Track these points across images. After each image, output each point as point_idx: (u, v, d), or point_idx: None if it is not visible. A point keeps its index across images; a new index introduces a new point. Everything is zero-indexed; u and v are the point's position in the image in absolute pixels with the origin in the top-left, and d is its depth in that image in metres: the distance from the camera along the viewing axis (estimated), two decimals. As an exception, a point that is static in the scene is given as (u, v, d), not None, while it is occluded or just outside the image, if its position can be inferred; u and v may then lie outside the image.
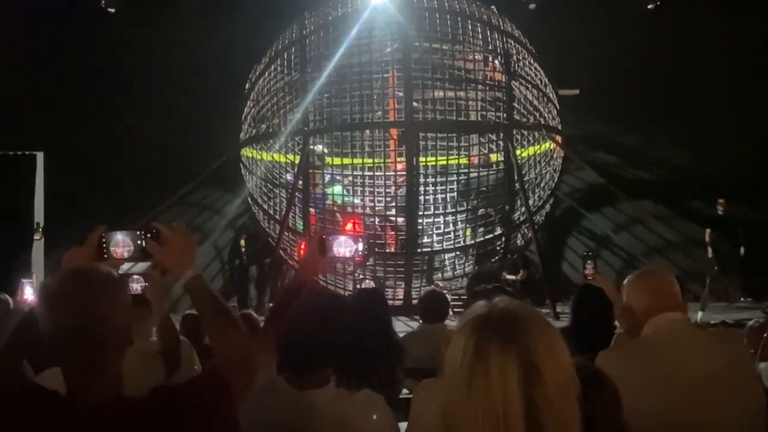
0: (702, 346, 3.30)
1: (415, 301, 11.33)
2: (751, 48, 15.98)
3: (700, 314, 12.56)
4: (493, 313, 1.78)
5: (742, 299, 14.88)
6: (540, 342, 1.73)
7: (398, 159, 13.81)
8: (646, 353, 3.28)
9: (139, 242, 2.58)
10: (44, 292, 2.30)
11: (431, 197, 14.01)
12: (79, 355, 2.26)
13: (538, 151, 14.37)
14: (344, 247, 3.33)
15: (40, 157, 15.80)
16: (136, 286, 4.44)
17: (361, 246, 3.34)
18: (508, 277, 14.19)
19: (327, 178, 14.16)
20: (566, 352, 1.77)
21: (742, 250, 14.25)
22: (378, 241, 13.71)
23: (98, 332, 2.25)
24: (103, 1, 16.35)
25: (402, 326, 10.49)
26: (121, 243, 2.59)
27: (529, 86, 14.03)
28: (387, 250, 13.87)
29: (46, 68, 15.83)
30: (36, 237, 15.10)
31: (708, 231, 14.22)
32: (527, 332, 1.73)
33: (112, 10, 16.40)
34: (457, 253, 14.28)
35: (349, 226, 13.59)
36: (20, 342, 2.65)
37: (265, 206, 14.44)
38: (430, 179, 14.06)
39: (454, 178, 13.97)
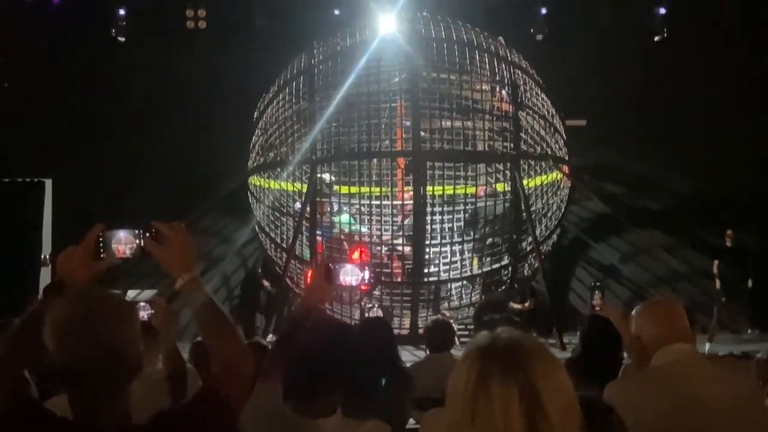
0: (711, 378, 3.28)
1: (421, 331, 11.30)
2: (759, 77, 16.02)
3: (707, 345, 12.50)
4: (496, 344, 1.78)
5: (750, 331, 14.80)
6: (542, 372, 1.73)
7: (405, 188, 13.83)
8: (655, 384, 3.26)
9: (138, 241, 2.55)
10: (52, 318, 2.28)
11: (438, 226, 14.01)
12: (87, 385, 2.24)
13: (545, 181, 14.37)
14: (350, 275, 3.33)
15: (48, 184, 15.84)
16: (143, 313, 4.43)
17: (367, 274, 3.34)
18: (515, 306, 14.15)
19: (335, 206, 14.18)
20: (569, 383, 1.77)
21: (750, 281, 14.18)
22: (385, 270, 13.69)
23: (108, 362, 2.22)
24: (114, 30, 16.49)
25: (408, 356, 10.45)
26: (122, 240, 2.55)
27: (536, 116, 14.06)
28: (394, 279, 13.85)
29: (56, 96, 15.96)
30: (43, 266, 15.09)
31: (716, 262, 14.17)
32: (529, 362, 1.74)
33: (122, 39, 16.54)
34: (464, 282, 14.26)
35: (356, 255, 13.58)
36: (20, 351, 2.55)
37: (273, 234, 14.46)
38: (437, 208, 14.07)
39: (461, 207, 13.98)
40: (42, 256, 15.18)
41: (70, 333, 2.23)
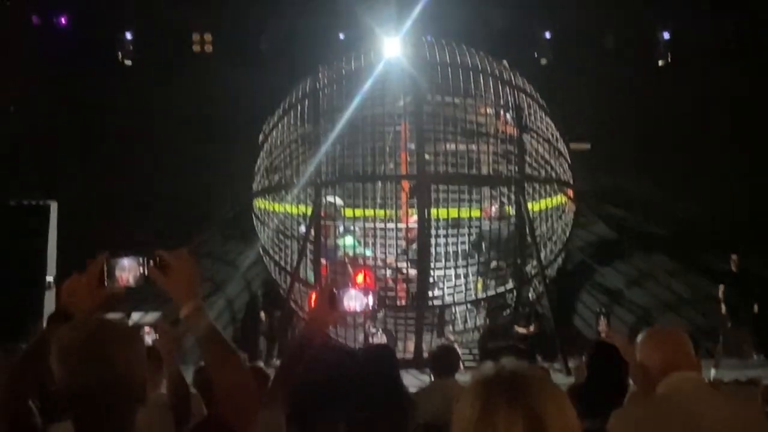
0: (717, 406, 3.26)
1: (425, 354, 11.26)
2: (763, 102, 16.03)
3: (713, 371, 12.42)
4: (501, 375, 1.78)
5: (755, 356, 14.71)
6: (547, 404, 1.72)
7: (410, 211, 13.83)
8: (660, 412, 3.24)
9: (142, 269, 2.54)
10: (58, 345, 2.27)
11: (443, 249, 14.00)
12: (92, 412, 2.23)
13: (550, 205, 14.37)
14: (354, 300, 3.32)
15: (54, 207, 15.85)
16: (147, 338, 4.43)
17: (371, 300, 3.32)
18: (520, 330, 14.10)
19: (339, 229, 14.17)
20: (574, 414, 1.76)
21: (755, 306, 14.12)
22: (389, 293, 13.67)
23: (113, 389, 2.21)
24: (120, 54, 16.57)
25: (412, 380, 10.40)
26: (126, 268, 2.55)
27: (541, 140, 14.08)
28: (398, 303, 13.82)
29: (62, 119, 16.02)
30: (48, 290, 15.08)
31: (721, 287, 14.12)
32: (534, 394, 1.73)
33: (129, 63, 16.63)
34: (469, 306, 14.22)
35: (360, 278, 13.56)
36: (25, 379, 2.58)
37: (277, 257, 14.45)
38: (442, 231, 14.06)
39: (466, 230, 13.96)
40: (47, 280, 15.16)
41: (75, 358, 2.23)
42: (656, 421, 3.20)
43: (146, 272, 2.53)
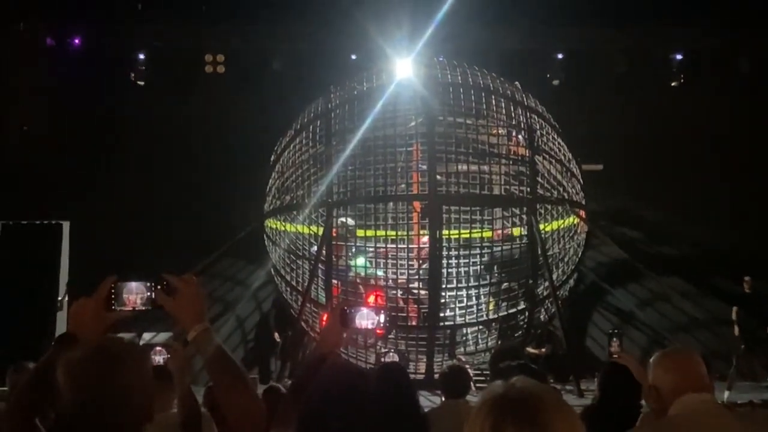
0: (729, 428, 3.23)
1: (437, 375, 11.21)
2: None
3: (726, 393, 12.34)
4: (511, 394, 1.77)
5: (770, 378, 14.62)
6: (557, 423, 1.71)
7: (421, 232, 13.82)
8: None
9: (149, 293, 2.56)
10: (66, 365, 2.28)
11: (454, 270, 13.97)
12: (98, 430, 2.23)
13: (562, 226, 14.33)
14: (366, 319, 3.31)
15: (66, 226, 15.91)
16: (158, 357, 4.43)
17: (382, 318, 3.31)
18: (531, 351, 14.05)
19: (351, 250, 14.16)
20: None
21: (769, 328, 14.05)
22: (400, 314, 13.64)
23: (118, 407, 2.22)
24: (133, 74, 16.68)
25: (423, 401, 10.33)
26: (134, 291, 2.56)
27: (553, 161, 14.07)
28: (409, 323, 13.79)
29: (75, 138, 16.12)
30: (59, 311, 15.12)
31: (735, 309, 14.06)
32: (544, 413, 1.72)
33: (142, 83, 16.73)
34: (480, 327, 14.17)
35: (371, 299, 13.54)
36: (31, 399, 2.57)
37: (288, 277, 14.44)
38: (453, 252, 14.03)
39: (478, 251, 13.94)
40: (59, 299, 15.20)
41: (80, 376, 2.25)
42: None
43: (153, 296, 2.54)
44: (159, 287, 2.52)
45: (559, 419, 1.71)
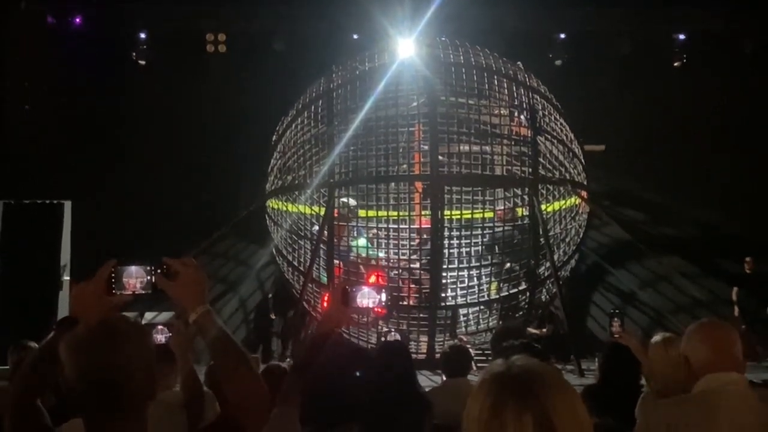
0: (757, 414, 3.17)
1: (438, 355, 11.25)
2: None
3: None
4: (511, 372, 1.77)
5: (770, 358, 14.66)
6: (557, 401, 1.71)
7: (423, 212, 13.81)
8: (698, 413, 3.18)
9: (150, 277, 2.57)
10: (68, 341, 2.31)
11: (456, 251, 13.97)
12: (101, 407, 2.25)
13: (564, 207, 14.33)
14: (367, 297, 3.32)
15: (67, 206, 15.92)
16: (161, 336, 4.44)
17: (384, 296, 3.33)
18: (533, 332, 14.08)
19: (352, 230, 14.17)
20: (584, 412, 1.75)
21: (769, 308, 14.09)
22: (402, 294, 13.66)
23: (120, 383, 2.24)
24: (134, 54, 16.64)
25: (425, 381, 10.40)
26: (134, 275, 2.58)
27: (555, 141, 14.04)
28: (410, 304, 13.81)
29: (76, 118, 16.10)
30: (65, 278, 15.15)
31: (735, 289, 14.09)
32: (544, 391, 1.72)
33: (143, 62, 16.70)
34: (481, 307, 14.19)
35: (372, 279, 13.55)
36: (33, 381, 2.63)
37: (290, 257, 14.46)
38: (455, 233, 14.03)
39: (479, 232, 13.94)
40: (62, 279, 15.23)
41: (82, 354, 2.27)
42: (691, 421, 3.16)
43: (153, 279, 2.55)
44: (159, 271, 2.54)
45: (560, 398, 1.72)
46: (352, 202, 14.13)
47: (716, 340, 3.31)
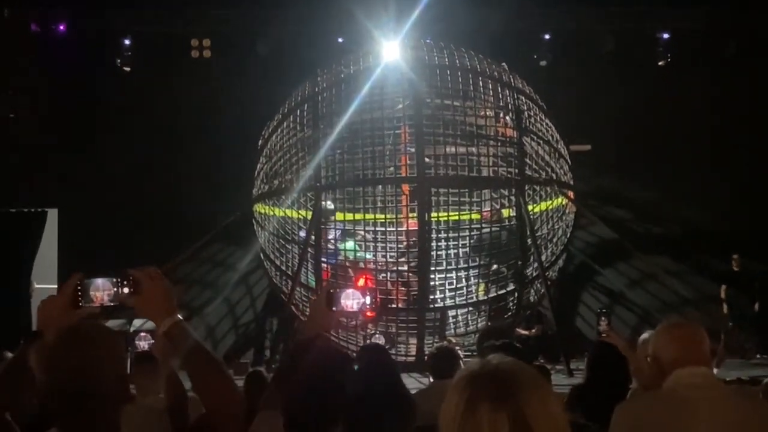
0: (725, 405, 3.24)
1: (426, 357, 11.22)
2: (763, 103, 16.04)
3: (715, 371, 12.36)
4: (485, 371, 1.77)
5: (758, 356, 14.70)
6: (532, 399, 1.71)
7: (410, 214, 13.81)
8: (667, 406, 3.23)
9: (116, 288, 2.54)
10: (38, 350, 2.29)
11: (443, 252, 13.97)
12: (72, 413, 2.23)
13: (551, 207, 14.34)
14: (352, 299, 3.30)
15: (53, 213, 15.84)
16: (144, 343, 4.42)
17: (368, 299, 3.31)
18: (522, 332, 14.08)
19: (339, 233, 14.15)
20: (560, 409, 1.76)
21: (757, 306, 14.11)
22: (390, 297, 13.65)
23: (91, 389, 2.22)
24: (119, 60, 16.59)
25: (414, 383, 10.38)
26: (100, 287, 2.56)
27: (541, 142, 14.06)
28: (399, 306, 13.80)
29: (61, 125, 16.04)
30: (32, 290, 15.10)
31: (723, 287, 14.12)
32: (519, 389, 1.72)
33: (128, 69, 16.64)
34: (470, 309, 14.19)
35: (361, 282, 13.53)
36: (1, 396, 2.55)
37: (278, 262, 14.43)
38: (442, 234, 14.03)
39: (467, 233, 13.94)
40: (30, 288, 15.15)
41: (52, 361, 2.26)
42: (662, 416, 3.20)
43: (120, 291, 2.52)
44: (124, 282, 2.51)
45: (535, 396, 1.71)
46: (330, 205, 14.04)
47: (683, 338, 3.39)
